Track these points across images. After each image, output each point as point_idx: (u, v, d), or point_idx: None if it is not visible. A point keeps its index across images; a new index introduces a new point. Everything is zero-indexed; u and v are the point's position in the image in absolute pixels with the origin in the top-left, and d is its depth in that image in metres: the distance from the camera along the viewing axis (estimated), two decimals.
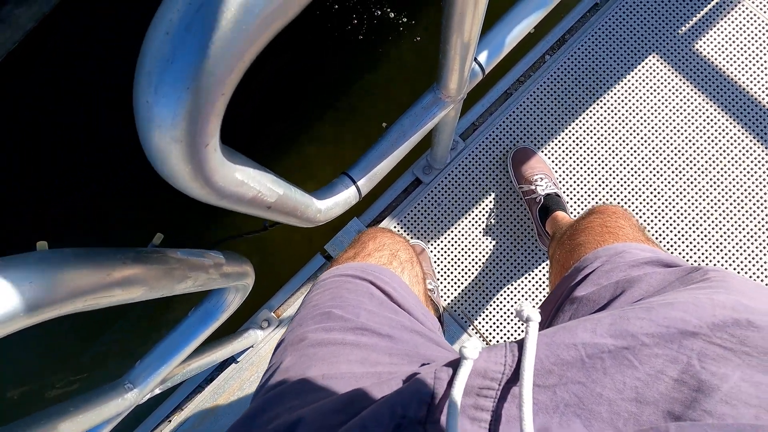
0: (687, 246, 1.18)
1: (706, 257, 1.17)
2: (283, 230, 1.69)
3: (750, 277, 1.15)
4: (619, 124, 1.22)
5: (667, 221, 1.19)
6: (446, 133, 1.01)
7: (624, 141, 1.22)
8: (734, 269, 1.15)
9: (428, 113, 0.70)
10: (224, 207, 0.39)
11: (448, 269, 1.22)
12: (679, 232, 1.18)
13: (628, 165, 1.21)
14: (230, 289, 0.62)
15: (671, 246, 1.18)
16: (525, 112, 1.25)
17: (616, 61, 1.24)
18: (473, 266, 1.22)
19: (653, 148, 1.21)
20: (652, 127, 1.22)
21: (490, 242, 1.22)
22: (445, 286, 1.22)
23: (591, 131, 1.23)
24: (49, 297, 0.30)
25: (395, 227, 1.25)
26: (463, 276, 1.22)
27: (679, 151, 1.20)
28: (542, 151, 1.23)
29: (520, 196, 1.19)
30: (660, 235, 1.19)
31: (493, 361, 0.32)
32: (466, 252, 1.22)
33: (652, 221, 1.19)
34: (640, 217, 1.20)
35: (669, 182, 1.20)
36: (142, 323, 1.81)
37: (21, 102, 1.82)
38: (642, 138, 1.21)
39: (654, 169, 1.20)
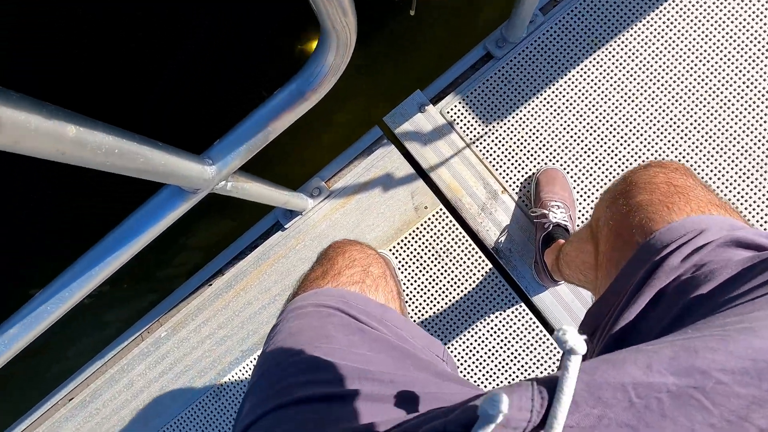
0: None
1: None
2: (343, 101, 1.64)
3: None
4: (718, 3, 1.13)
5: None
6: None
7: (717, 26, 1.12)
8: None
9: None
10: None
11: (514, 150, 1.16)
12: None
13: (714, 58, 1.12)
14: (330, 38, 0.56)
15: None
16: None
17: None
18: (541, 149, 1.15)
19: (750, 39, 1.11)
20: (750, 12, 1.12)
21: (561, 124, 1.15)
22: (509, 168, 1.16)
23: (686, 10, 1.13)
24: None
25: (459, 103, 1.19)
26: (528, 158, 1.15)
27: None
28: (628, 31, 1.14)
29: (531, 218, 1.11)
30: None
31: (516, 407, 0.26)
32: (534, 133, 1.16)
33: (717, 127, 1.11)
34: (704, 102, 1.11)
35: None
36: None
37: None
38: (737, 27, 1.12)
39: (746, 67, 1.11)
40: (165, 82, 1.77)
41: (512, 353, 1.13)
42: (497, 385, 1.12)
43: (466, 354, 1.14)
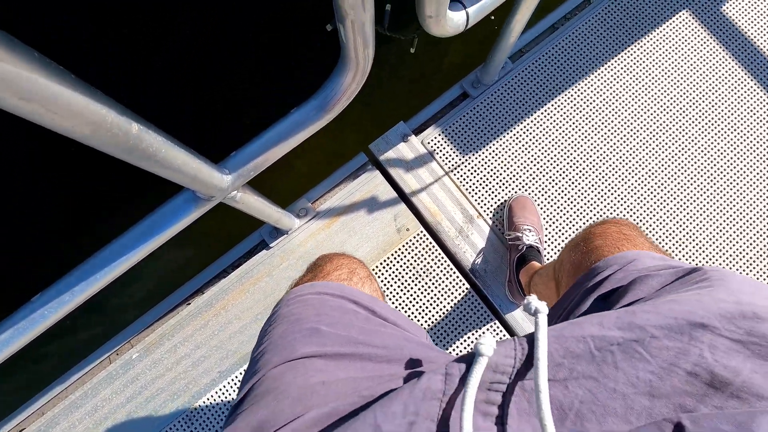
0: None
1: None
2: (333, 138, 1.70)
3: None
4: (651, 68, 1.34)
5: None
6: (507, 42, 1.08)
7: (652, 84, 1.33)
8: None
9: None
10: None
11: (488, 178, 1.28)
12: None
13: (650, 108, 1.32)
14: (350, 65, 0.64)
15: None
16: (568, 45, 1.34)
17: (655, 11, 1.37)
18: (512, 179, 1.27)
19: (675, 97, 1.33)
20: (677, 77, 1.34)
21: (529, 158, 1.28)
22: (483, 196, 1.27)
23: (627, 69, 1.33)
24: None
25: (438, 135, 1.30)
26: (500, 187, 1.27)
27: (701, 101, 1.33)
28: (582, 81, 1.32)
29: (505, 241, 1.22)
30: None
31: (503, 355, 0.32)
32: (505, 164, 1.28)
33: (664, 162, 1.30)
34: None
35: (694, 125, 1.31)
36: None
37: None
38: (666, 87, 1.33)
39: (674, 117, 1.32)
40: (151, 79, 1.76)
41: None
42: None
43: None
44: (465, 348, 1.20)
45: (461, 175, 1.28)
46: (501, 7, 0.86)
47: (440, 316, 1.21)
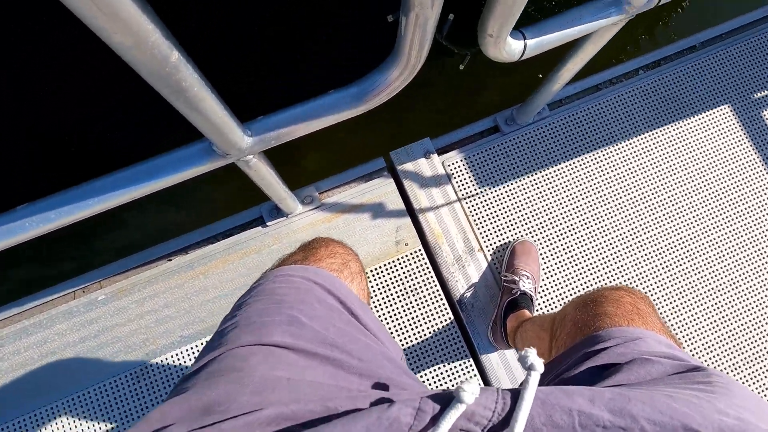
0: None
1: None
2: (355, 135, 1.68)
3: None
4: (682, 151, 1.34)
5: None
6: (551, 87, 1.08)
7: (679, 167, 1.33)
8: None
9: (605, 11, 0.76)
10: None
11: (499, 216, 1.26)
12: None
13: (672, 190, 1.31)
14: (401, 60, 0.62)
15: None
16: (607, 108, 1.35)
17: (698, 98, 1.38)
18: (522, 222, 1.26)
19: (699, 186, 1.32)
20: (705, 167, 1.34)
21: (543, 206, 1.27)
22: (490, 231, 1.25)
23: (658, 146, 1.33)
24: None
25: (460, 161, 1.29)
26: (508, 227, 1.25)
27: (723, 194, 1.32)
28: (612, 146, 1.32)
29: (500, 281, 1.20)
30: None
31: (482, 405, 0.31)
32: (519, 207, 1.27)
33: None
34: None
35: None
36: None
37: None
38: (693, 174, 1.33)
39: (693, 204, 1.31)
40: None
41: None
42: None
43: None
44: (432, 377, 1.16)
45: (473, 205, 1.27)
46: (554, 53, 0.86)
47: (416, 339, 1.18)
